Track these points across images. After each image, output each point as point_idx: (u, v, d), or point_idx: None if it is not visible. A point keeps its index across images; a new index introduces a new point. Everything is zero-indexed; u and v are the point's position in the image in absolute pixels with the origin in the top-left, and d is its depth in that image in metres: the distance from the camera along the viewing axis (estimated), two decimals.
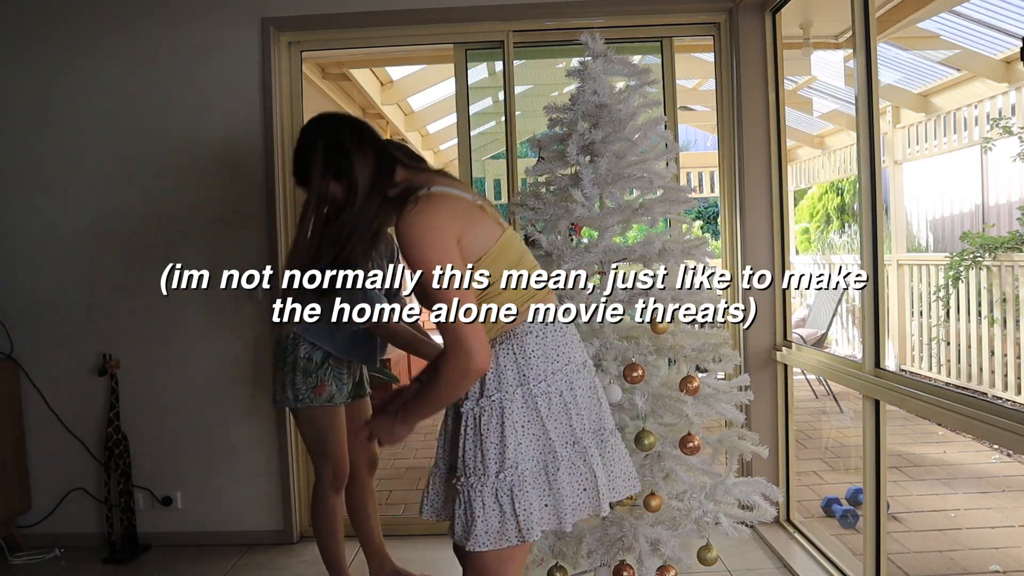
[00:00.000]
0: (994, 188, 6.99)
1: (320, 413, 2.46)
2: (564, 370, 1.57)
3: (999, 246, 5.48)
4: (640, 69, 2.25)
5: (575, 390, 1.58)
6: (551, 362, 1.56)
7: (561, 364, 1.57)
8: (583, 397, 1.59)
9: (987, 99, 5.92)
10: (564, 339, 1.60)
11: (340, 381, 2.49)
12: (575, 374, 1.59)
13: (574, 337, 1.64)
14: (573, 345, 1.62)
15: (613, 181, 2.20)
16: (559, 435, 1.54)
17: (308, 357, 2.44)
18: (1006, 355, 5.32)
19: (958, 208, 7.45)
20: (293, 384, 2.44)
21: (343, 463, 2.53)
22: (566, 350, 1.59)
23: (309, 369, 2.44)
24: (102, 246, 3.24)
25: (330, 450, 2.50)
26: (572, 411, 1.56)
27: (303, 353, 2.44)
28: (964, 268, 5.69)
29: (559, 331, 1.60)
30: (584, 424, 1.57)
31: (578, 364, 1.60)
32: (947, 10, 4.63)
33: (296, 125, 3.28)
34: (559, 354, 1.58)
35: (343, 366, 2.51)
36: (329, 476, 2.53)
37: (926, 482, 3.89)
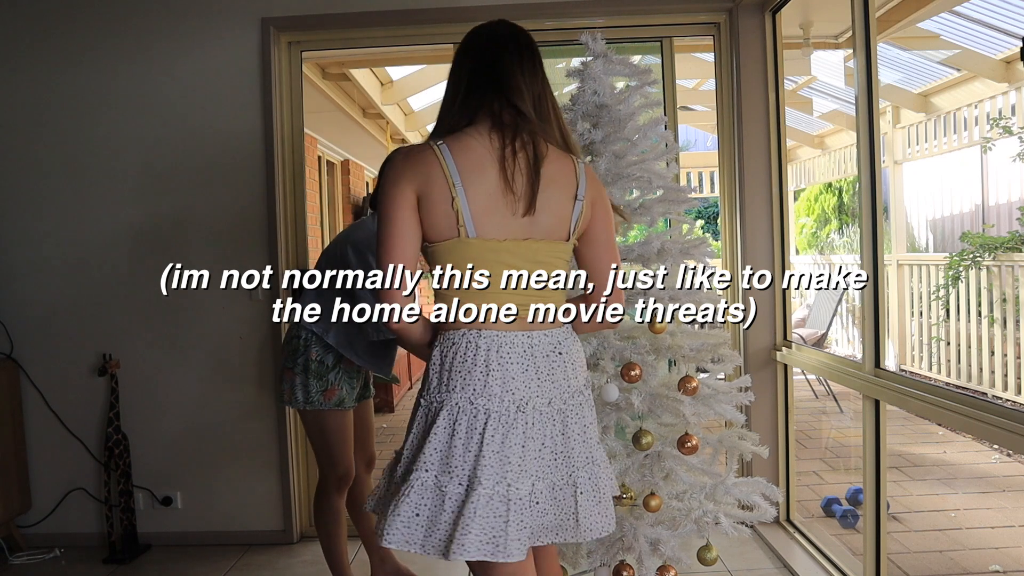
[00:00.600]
0: (994, 188, 6.99)
1: (329, 416, 2.44)
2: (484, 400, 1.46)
3: (999, 246, 5.48)
4: (640, 69, 2.25)
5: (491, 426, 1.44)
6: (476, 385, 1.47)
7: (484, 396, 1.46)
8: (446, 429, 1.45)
9: (987, 99, 5.92)
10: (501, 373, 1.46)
11: (350, 385, 2.47)
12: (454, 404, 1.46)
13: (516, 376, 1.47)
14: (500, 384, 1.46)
15: (613, 181, 2.20)
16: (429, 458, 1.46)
17: (320, 360, 2.41)
18: (1006, 355, 5.32)
19: (958, 208, 7.45)
20: (305, 386, 2.41)
21: (351, 468, 2.53)
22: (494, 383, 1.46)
23: (320, 372, 2.41)
24: (102, 246, 3.24)
25: (336, 454, 2.49)
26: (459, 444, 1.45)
27: (315, 355, 2.41)
28: (964, 268, 5.69)
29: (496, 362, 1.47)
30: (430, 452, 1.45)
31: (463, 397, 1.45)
32: (947, 10, 4.63)
33: (296, 125, 3.28)
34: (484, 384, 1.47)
35: (354, 370, 2.49)
36: (335, 479, 2.52)
37: (926, 482, 3.89)
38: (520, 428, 1.44)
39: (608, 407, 2.17)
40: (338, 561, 2.61)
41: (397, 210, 1.43)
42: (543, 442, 1.47)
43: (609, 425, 2.28)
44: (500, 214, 1.45)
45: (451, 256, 1.46)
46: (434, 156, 1.44)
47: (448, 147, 1.45)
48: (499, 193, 1.45)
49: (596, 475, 1.51)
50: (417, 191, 1.43)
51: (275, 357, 3.19)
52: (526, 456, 1.44)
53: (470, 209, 1.43)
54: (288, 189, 3.27)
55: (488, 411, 1.43)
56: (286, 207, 3.26)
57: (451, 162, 1.43)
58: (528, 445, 1.45)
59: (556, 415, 1.49)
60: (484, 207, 1.44)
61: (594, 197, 1.55)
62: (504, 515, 1.40)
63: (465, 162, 1.44)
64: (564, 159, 1.53)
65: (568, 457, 1.49)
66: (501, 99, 1.48)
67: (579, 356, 1.57)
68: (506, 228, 1.46)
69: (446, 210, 1.42)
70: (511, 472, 1.42)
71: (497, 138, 1.47)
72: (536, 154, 1.47)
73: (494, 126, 1.48)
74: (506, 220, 1.46)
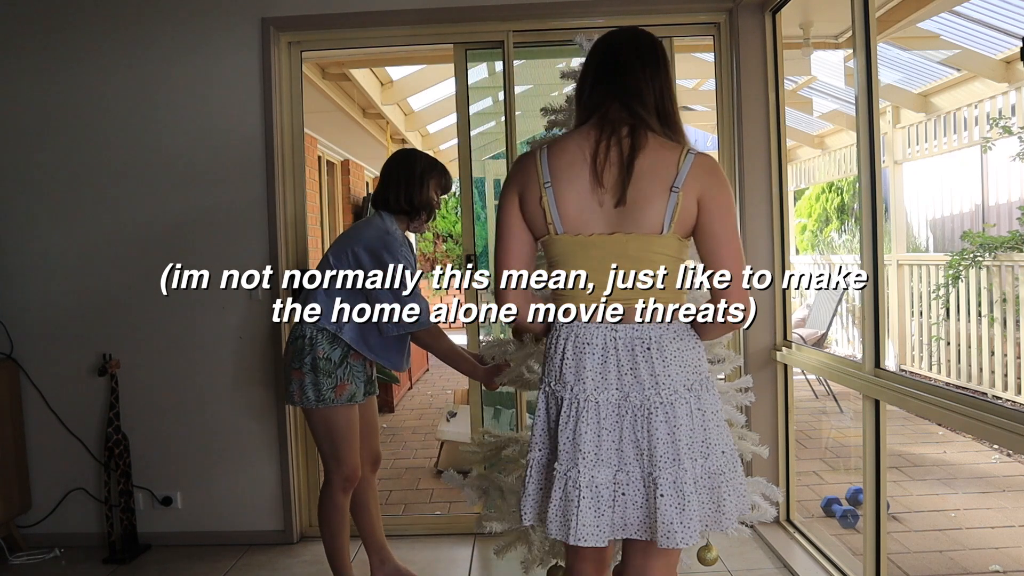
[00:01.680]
0: (994, 188, 6.99)
1: (340, 413, 2.47)
2: (559, 387, 1.53)
3: (999, 246, 5.48)
4: None
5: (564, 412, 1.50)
6: (554, 372, 1.55)
7: (559, 383, 1.52)
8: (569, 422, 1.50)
9: (987, 99, 5.92)
10: (575, 362, 1.51)
11: (359, 380, 2.50)
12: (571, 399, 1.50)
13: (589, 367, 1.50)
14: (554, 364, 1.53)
15: None
16: (540, 438, 1.57)
17: (327, 357, 2.43)
18: (1006, 355, 5.32)
19: (958, 208, 7.45)
20: (315, 385, 2.42)
21: (357, 467, 2.55)
22: (568, 372, 1.51)
23: (328, 369, 2.43)
24: (102, 246, 3.24)
25: (343, 452, 2.51)
26: (553, 425, 1.53)
27: (322, 353, 2.43)
28: (964, 268, 5.69)
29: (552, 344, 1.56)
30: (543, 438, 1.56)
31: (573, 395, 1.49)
32: (947, 10, 4.63)
33: (296, 125, 3.28)
34: (559, 372, 1.53)
35: (360, 365, 2.51)
36: (340, 479, 2.54)
37: (926, 482, 3.89)
38: (593, 417, 1.46)
39: None
40: (340, 562, 2.62)
41: (505, 216, 1.56)
42: (622, 435, 1.46)
43: None
44: (589, 210, 1.49)
45: (549, 250, 1.54)
46: (532, 160, 1.53)
47: (547, 149, 1.53)
48: (589, 189, 1.48)
49: (682, 479, 1.43)
50: (519, 195, 1.53)
51: (276, 357, 3.19)
52: (601, 446, 1.45)
53: (558, 207, 1.49)
54: (288, 189, 3.27)
55: (561, 398, 1.49)
56: (286, 207, 3.26)
57: (545, 163, 1.50)
58: (603, 436, 1.46)
59: (638, 410, 1.47)
60: (573, 204, 1.49)
61: (701, 190, 1.48)
62: (576, 499, 1.43)
63: (558, 162, 1.50)
64: (667, 149, 1.50)
65: (651, 454, 1.45)
66: (618, 100, 1.52)
67: (681, 354, 1.51)
68: (594, 223, 1.49)
69: (537, 209, 1.51)
70: (584, 459, 1.44)
71: (595, 134, 1.50)
72: (633, 146, 1.47)
73: (596, 124, 1.52)
74: (595, 215, 1.49)
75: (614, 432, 1.46)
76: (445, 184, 2.62)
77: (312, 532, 3.32)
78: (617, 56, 1.57)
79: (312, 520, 3.34)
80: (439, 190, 2.61)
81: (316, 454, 3.35)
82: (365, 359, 2.52)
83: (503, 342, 2.28)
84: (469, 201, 3.32)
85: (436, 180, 2.58)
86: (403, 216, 2.57)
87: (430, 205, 2.58)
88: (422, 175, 2.54)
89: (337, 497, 2.56)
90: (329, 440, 2.50)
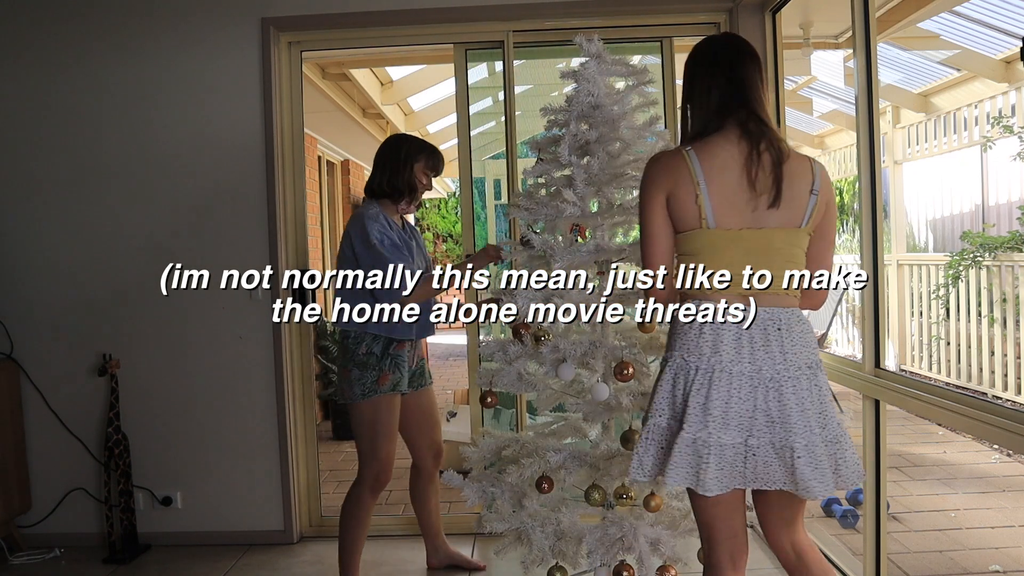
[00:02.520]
0: (994, 188, 6.99)
1: (382, 403, 2.55)
2: (683, 355, 1.69)
3: (999, 246, 5.48)
4: (636, 69, 2.24)
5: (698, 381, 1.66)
6: (675, 344, 1.72)
7: (683, 351, 1.69)
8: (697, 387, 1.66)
9: (987, 99, 5.93)
10: (691, 331, 1.69)
11: (401, 371, 2.59)
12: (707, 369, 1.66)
13: (712, 336, 1.67)
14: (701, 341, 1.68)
15: (607, 181, 2.20)
16: (660, 406, 1.71)
17: (369, 351, 2.55)
18: (1006, 355, 5.32)
19: (958, 208, 7.45)
20: (360, 379, 2.53)
21: (389, 464, 2.61)
22: (687, 342, 1.69)
23: (371, 363, 2.54)
24: (102, 246, 3.24)
25: (380, 446, 2.57)
26: (679, 393, 1.68)
27: (364, 349, 2.55)
28: (964, 268, 5.69)
29: (709, 327, 1.69)
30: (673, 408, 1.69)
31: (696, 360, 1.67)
32: (947, 10, 4.63)
33: (296, 125, 3.29)
34: (683, 341, 1.70)
35: (403, 356, 2.60)
36: (371, 477, 2.59)
37: (926, 482, 3.89)
38: (725, 387, 1.64)
39: (600, 406, 2.17)
40: (351, 559, 2.67)
41: (654, 216, 1.72)
42: (755, 404, 1.64)
43: (609, 425, 2.28)
44: (737, 208, 1.68)
45: (694, 242, 1.71)
46: (683, 159, 1.69)
47: (695, 152, 1.70)
48: (740, 190, 1.68)
49: (813, 443, 1.62)
50: (667, 192, 1.70)
51: (276, 357, 3.19)
52: (730, 412, 1.63)
53: (711, 204, 1.67)
54: (288, 189, 3.27)
55: (696, 368, 1.66)
56: (286, 207, 3.26)
57: (697, 164, 1.68)
58: (733, 403, 1.63)
59: (770, 382, 1.64)
60: (725, 202, 1.68)
61: (828, 198, 1.74)
62: (706, 456, 1.61)
63: (710, 164, 1.68)
64: (801, 159, 1.74)
65: (785, 424, 1.62)
66: (746, 109, 1.71)
67: (803, 336, 1.71)
68: (743, 219, 1.68)
69: (690, 205, 1.68)
70: (713, 423, 1.62)
71: (745, 144, 1.69)
72: (781, 152, 1.70)
73: (743, 134, 1.70)
74: (744, 213, 1.68)
75: (747, 401, 1.64)
76: (433, 165, 2.68)
77: (312, 532, 3.32)
78: (735, 65, 1.75)
79: (312, 520, 3.34)
80: (428, 171, 2.68)
81: (316, 454, 3.35)
82: (408, 348, 2.62)
83: (503, 342, 2.28)
84: (469, 201, 3.33)
85: (423, 162, 2.65)
86: (386, 200, 2.65)
87: (412, 186, 2.64)
88: (407, 158, 2.63)
89: (364, 495, 2.61)
90: (369, 433, 2.57)
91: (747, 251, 1.70)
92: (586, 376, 2.25)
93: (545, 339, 2.18)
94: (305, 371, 3.31)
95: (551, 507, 2.27)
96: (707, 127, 1.73)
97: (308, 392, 3.32)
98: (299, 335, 3.30)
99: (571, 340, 2.16)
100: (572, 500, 2.31)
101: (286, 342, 3.22)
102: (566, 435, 2.39)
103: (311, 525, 3.33)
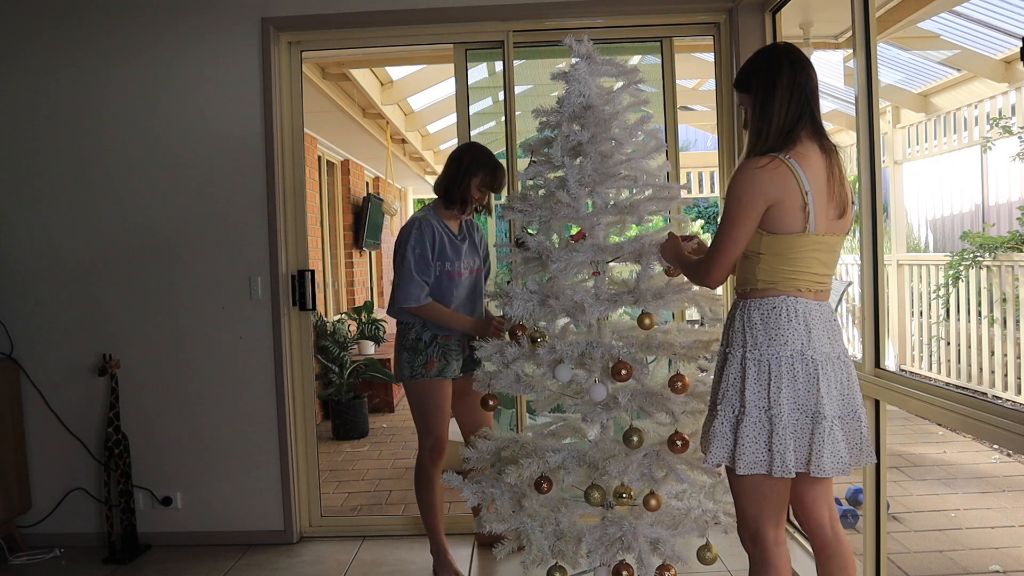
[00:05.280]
0: (994, 188, 6.99)
1: (430, 386, 2.75)
2: (777, 347, 1.80)
3: (999, 246, 5.48)
4: (627, 69, 2.24)
5: (782, 367, 1.79)
6: (768, 337, 1.81)
7: (778, 343, 1.80)
8: (790, 376, 1.79)
9: (987, 99, 5.92)
10: (788, 324, 1.81)
11: (448, 358, 2.78)
12: (789, 356, 1.80)
13: (805, 327, 1.82)
14: (797, 332, 1.81)
15: (600, 181, 2.19)
16: (752, 396, 1.80)
17: (418, 338, 2.76)
18: (1006, 355, 5.31)
19: (958, 208, 7.45)
20: (410, 362, 2.76)
21: (443, 438, 2.80)
22: (785, 334, 1.81)
23: (419, 348, 2.75)
24: (101, 246, 3.24)
25: (432, 423, 2.78)
26: (773, 383, 1.79)
27: (413, 335, 2.77)
28: (964, 268, 5.69)
29: (784, 316, 1.82)
30: (782, 397, 1.78)
31: (795, 350, 1.80)
32: (947, 10, 4.63)
33: (296, 125, 3.29)
34: (777, 333, 1.81)
35: (450, 345, 2.79)
36: (427, 449, 2.80)
37: (926, 482, 3.89)
38: (832, 372, 1.81)
39: (598, 406, 2.17)
40: (432, 521, 2.85)
41: (750, 217, 1.81)
42: (839, 386, 1.83)
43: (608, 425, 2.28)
44: (823, 215, 1.83)
45: (793, 244, 1.82)
46: (788, 170, 1.80)
47: (797, 161, 1.80)
48: (824, 199, 1.82)
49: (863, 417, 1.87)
50: (772, 201, 1.79)
51: (275, 357, 3.20)
52: (831, 394, 1.80)
53: (815, 211, 1.80)
54: (288, 189, 3.27)
55: (816, 360, 1.79)
56: (286, 207, 3.26)
57: (802, 174, 1.79)
58: (831, 386, 1.80)
59: (843, 365, 1.85)
60: (819, 210, 1.82)
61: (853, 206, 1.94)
62: (820, 436, 1.76)
63: (810, 175, 1.81)
64: None
65: (851, 397, 1.85)
66: (816, 122, 1.85)
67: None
68: (825, 226, 1.83)
69: (797, 212, 1.80)
70: (828, 405, 1.78)
71: (824, 157, 1.84)
72: (844, 170, 1.87)
73: (821, 148, 1.84)
74: (825, 220, 1.83)
75: (837, 384, 1.81)
76: (489, 183, 2.75)
77: (312, 532, 3.32)
78: (809, 77, 1.85)
79: (312, 520, 3.34)
80: (483, 187, 2.75)
81: (316, 454, 3.36)
82: (456, 339, 2.80)
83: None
84: None
85: (480, 178, 2.73)
86: (441, 204, 2.80)
87: (464, 200, 2.74)
88: (466, 170, 2.73)
89: (426, 464, 2.81)
90: (419, 410, 2.79)
91: (827, 253, 1.86)
92: (583, 377, 2.25)
93: (542, 340, 2.18)
94: (305, 371, 3.32)
95: (550, 507, 2.27)
96: (789, 136, 1.82)
97: (308, 392, 3.32)
98: (299, 335, 3.30)
99: (568, 341, 2.16)
100: (572, 500, 2.31)
101: (286, 342, 3.22)
102: (565, 435, 2.39)
103: (311, 525, 3.33)
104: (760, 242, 1.84)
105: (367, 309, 6.38)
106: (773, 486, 1.85)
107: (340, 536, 3.30)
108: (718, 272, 1.88)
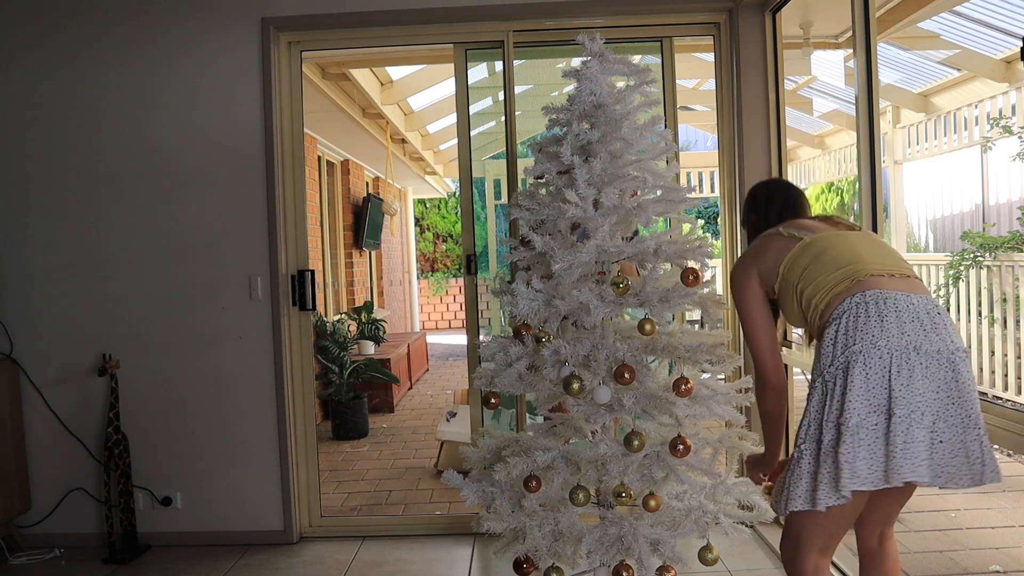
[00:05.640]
0: (994, 188, 6.99)
1: None
2: (848, 352, 1.68)
3: (999, 246, 5.47)
4: (638, 68, 2.24)
5: (854, 367, 1.66)
6: (835, 348, 1.72)
7: (849, 345, 1.69)
8: (862, 373, 1.65)
9: (987, 99, 5.92)
10: (855, 322, 1.70)
11: None
12: (859, 351, 1.67)
13: (878, 317, 1.68)
14: (868, 325, 1.69)
15: (609, 181, 2.19)
16: (829, 416, 1.70)
17: None
18: (1006, 355, 5.31)
19: (958, 208, 7.45)
20: None
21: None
22: (854, 333, 1.70)
23: None
24: (101, 246, 3.24)
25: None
26: (848, 387, 1.66)
27: None
28: (964, 268, 5.69)
29: (849, 318, 1.71)
30: (853, 396, 1.65)
31: (866, 344, 1.66)
32: (947, 10, 4.63)
33: (296, 125, 3.28)
34: (847, 337, 1.70)
35: None
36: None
37: None
38: (920, 367, 1.63)
39: (602, 408, 2.17)
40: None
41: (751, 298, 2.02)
42: (939, 385, 1.63)
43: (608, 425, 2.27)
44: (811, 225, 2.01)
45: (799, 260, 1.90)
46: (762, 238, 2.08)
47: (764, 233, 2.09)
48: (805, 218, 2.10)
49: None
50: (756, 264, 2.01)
51: (275, 357, 3.19)
52: (927, 393, 1.62)
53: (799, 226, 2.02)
54: (288, 189, 3.27)
55: (890, 350, 1.64)
56: (286, 207, 3.26)
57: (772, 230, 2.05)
58: (928, 383, 1.63)
59: (946, 363, 1.65)
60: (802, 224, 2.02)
61: None
62: (924, 441, 1.60)
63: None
64: None
65: (963, 402, 1.64)
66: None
67: (953, 324, 1.75)
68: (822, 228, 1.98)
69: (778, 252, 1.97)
70: (913, 404, 1.62)
71: None
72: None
73: None
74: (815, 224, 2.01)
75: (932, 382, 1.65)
76: None
77: (311, 532, 3.32)
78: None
79: (312, 520, 3.34)
80: None
81: (316, 454, 3.35)
82: None
83: (504, 343, 2.28)
84: (469, 201, 3.32)
85: None
86: None
87: None
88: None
89: None
90: None
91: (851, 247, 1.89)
92: (588, 378, 2.25)
93: (546, 341, 2.18)
94: (305, 371, 3.31)
95: (550, 507, 2.27)
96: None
97: (308, 392, 3.32)
98: (299, 335, 3.30)
99: (572, 343, 2.15)
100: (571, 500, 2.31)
101: (286, 342, 3.22)
102: (567, 435, 2.39)
103: (311, 525, 3.33)
104: (786, 292, 1.88)
105: (367, 309, 6.38)
106: (833, 510, 1.70)
107: (340, 536, 3.30)
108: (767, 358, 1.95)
